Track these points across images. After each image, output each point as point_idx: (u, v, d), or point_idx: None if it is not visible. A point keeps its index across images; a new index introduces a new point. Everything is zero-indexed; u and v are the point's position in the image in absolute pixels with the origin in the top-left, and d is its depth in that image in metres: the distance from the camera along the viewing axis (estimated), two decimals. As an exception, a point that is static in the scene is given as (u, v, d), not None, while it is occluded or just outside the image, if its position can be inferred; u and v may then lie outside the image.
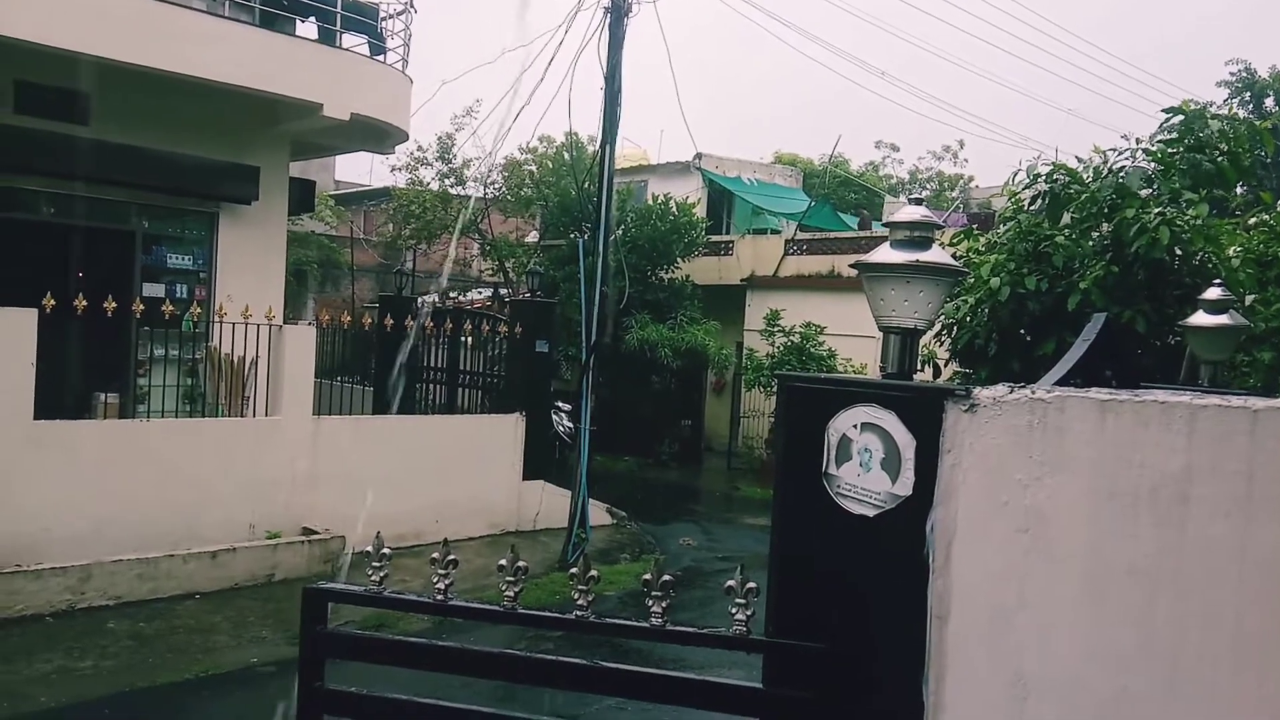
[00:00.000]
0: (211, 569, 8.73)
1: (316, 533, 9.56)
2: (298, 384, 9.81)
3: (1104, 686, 1.93)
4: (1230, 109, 17.90)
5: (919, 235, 2.50)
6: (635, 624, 2.50)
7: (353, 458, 10.03)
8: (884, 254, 2.51)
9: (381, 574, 2.61)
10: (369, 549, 2.62)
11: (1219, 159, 6.38)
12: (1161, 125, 6.75)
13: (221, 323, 9.50)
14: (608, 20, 10.30)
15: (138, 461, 8.70)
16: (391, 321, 11.03)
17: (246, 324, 9.34)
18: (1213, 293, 4.62)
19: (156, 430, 9.12)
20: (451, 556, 2.57)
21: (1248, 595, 1.75)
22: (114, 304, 8.41)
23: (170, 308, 9.04)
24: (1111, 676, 1.92)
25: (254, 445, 9.52)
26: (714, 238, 21.09)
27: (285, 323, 10.32)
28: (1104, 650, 1.94)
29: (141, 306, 8.97)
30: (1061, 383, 2.36)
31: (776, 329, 16.79)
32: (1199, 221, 6.12)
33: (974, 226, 8.94)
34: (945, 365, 7.40)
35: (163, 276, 10.91)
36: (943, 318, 6.68)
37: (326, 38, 11.01)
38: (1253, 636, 1.74)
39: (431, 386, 13.58)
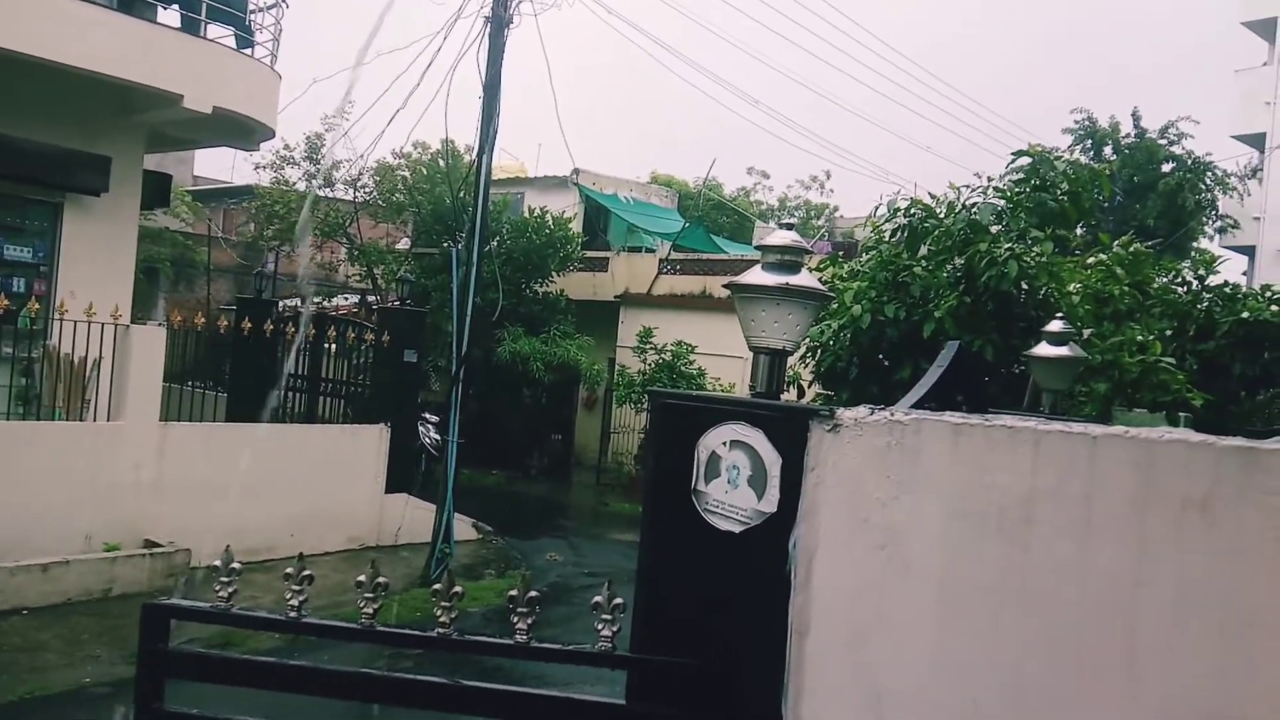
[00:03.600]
0: (41, 582, 8.13)
1: (160, 545, 9.04)
2: (144, 387, 9.29)
3: (954, 699, 2.00)
4: (1073, 154, 19.13)
5: (789, 259, 2.56)
6: (499, 641, 2.46)
7: (202, 466, 9.54)
8: (756, 276, 2.56)
9: (230, 589, 2.49)
10: (217, 563, 2.50)
11: (1063, 199, 6.81)
12: (1009, 165, 7.16)
13: (62, 320, 8.91)
14: (488, 30, 10.21)
15: (-40, 467, 8.04)
16: (249, 325, 10.58)
17: (90, 322, 8.79)
18: (1055, 325, 4.91)
19: (-17, 433, 8.45)
20: (306, 572, 2.48)
21: (1087, 612, 1.85)
22: (-61, 296, 7.78)
23: (4, 302, 8.41)
24: (962, 689, 2.00)
25: (93, 451, 8.94)
26: (589, 253, 21.12)
27: (133, 322, 9.77)
28: (955, 664, 2.01)
29: (-29, 300, 8.31)
30: (917, 406, 2.45)
31: (649, 346, 16.95)
32: (1044, 258, 6.51)
33: (839, 254, 9.27)
34: (809, 386, 7.61)
35: (-3, 269, 10.14)
36: (808, 340, 6.88)
37: (190, 26, 10.49)
38: (1092, 651, 1.84)
39: (292, 394, 13.08)
